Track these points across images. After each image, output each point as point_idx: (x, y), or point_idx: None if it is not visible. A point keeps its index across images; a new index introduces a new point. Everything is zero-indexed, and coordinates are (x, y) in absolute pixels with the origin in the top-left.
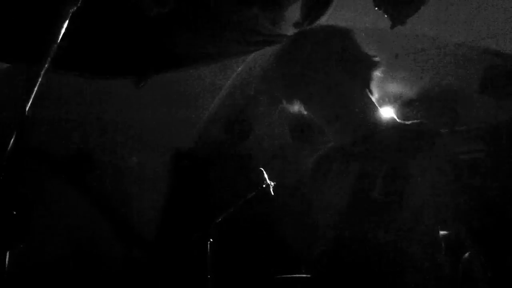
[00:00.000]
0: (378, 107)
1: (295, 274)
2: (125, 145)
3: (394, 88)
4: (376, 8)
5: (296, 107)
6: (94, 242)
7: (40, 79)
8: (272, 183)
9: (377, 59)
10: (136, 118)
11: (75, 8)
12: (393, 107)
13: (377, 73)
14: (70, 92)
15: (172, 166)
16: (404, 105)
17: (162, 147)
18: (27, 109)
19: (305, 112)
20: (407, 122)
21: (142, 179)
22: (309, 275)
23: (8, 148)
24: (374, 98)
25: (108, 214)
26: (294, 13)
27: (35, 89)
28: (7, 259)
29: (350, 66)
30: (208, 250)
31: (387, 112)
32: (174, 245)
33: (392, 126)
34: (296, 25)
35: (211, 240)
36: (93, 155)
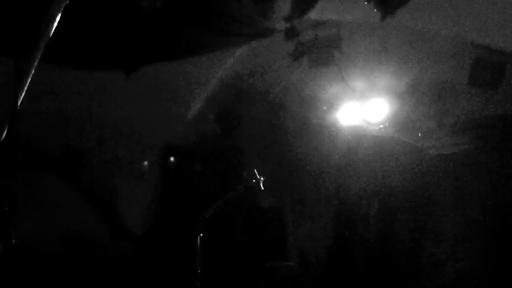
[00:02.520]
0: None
1: (282, 263)
2: (116, 139)
3: (383, 80)
4: (366, 3)
5: None
6: (84, 237)
7: (31, 72)
8: (262, 178)
9: None
10: (126, 113)
11: (67, 1)
12: (382, 99)
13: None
14: (62, 87)
15: (162, 160)
16: (393, 97)
17: (153, 141)
18: (18, 103)
19: None
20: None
21: (132, 173)
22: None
23: None
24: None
25: (98, 209)
26: (284, 6)
27: (27, 82)
28: None
29: None
30: (198, 244)
31: (376, 104)
32: (164, 238)
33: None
34: (286, 18)
35: (201, 234)
36: (84, 150)
